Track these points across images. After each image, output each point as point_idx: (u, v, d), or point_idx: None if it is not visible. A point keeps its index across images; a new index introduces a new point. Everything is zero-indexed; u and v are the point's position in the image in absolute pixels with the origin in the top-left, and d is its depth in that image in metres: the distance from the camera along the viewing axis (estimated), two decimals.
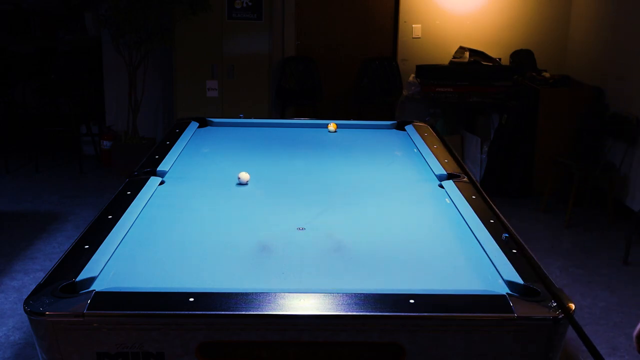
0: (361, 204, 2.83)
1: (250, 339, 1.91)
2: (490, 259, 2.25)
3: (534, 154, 5.91)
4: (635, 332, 1.88)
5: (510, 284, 2.06)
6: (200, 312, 1.86)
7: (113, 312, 1.87)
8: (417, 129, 3.98)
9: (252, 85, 6.36)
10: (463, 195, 2.82)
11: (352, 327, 1.90)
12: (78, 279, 2.01)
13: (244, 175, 3.03)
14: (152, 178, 2.96)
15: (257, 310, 1.86)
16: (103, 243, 2.27)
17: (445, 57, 6.56)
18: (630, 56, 5.46)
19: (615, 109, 5.58)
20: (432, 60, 6.58)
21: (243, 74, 6.33)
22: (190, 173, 3.17)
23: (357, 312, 1.87)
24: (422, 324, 1.89)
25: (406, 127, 4.07)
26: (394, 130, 4.12)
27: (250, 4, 6.21)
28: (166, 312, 1.86)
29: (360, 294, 1.93)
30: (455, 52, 6.50)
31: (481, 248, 2.35)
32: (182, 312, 1.85)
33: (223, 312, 1.86)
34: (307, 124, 4.17)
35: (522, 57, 6.50)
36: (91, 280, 2.03)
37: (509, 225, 2.53)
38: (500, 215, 2.64)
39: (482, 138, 6.21)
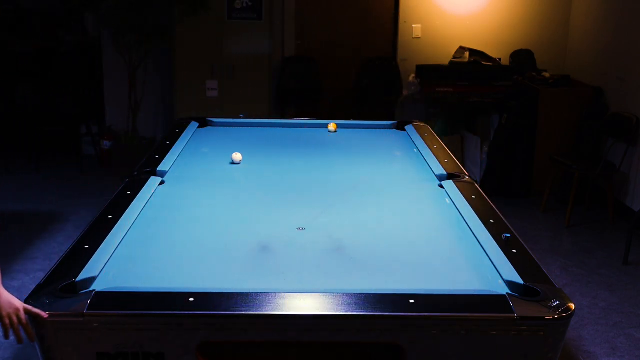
0: (361, 204, 2.83)
1: (250, 339, 1.91)
2: (490, 259, 2.25)
3: (534, 154, 5.91)
4: None
5: (510, 284, 2.06)
6: (200, 312, 1.86)
7: (113, 312, 1.87)
8: (417, 129, 3.98)
9: (252, 85, 6.35)
10: (463, 195, 2.82)
11: (352, 327, 1.89)
12: (78, 279, 2.01)
13: (237, 156, 3.29)
14: (152, 178, 2.96)
15: (257, 310, 1.86)
16: (103, 243, 2.27)
17: (445, 57, 6.56)
18: (630, 56, 5.46)
19: (615, 109, 5.58)
20: (432, 60, 6.57)
21: (243, 74, 6.33)
22: (190, 173, 3.17)
23: (357, 312, 1.87)
24: (422, 324, 1.89)
25: (406, 127, 4.07)
26: (394, 130, 4.12)
27: (250, 4, 6.21)
28: (166, 312, 1.86)
29: (360, 294, 1.93)
30: (455, 52, 6.49)
31: (481, 248, 2.35)
32: (182, 312, 1.85)
33: (223, 312, 1.86)
34: (307, 124, 4.17)
35: (522, 57, 6.50)
36: (91, 280, 2.03)
37: (509, 225, 2.54)
38: (501, 215, 2.64)
39: (482, 138, 6.21)
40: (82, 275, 2.03)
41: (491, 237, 2.39)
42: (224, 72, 6.31)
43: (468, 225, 2.54)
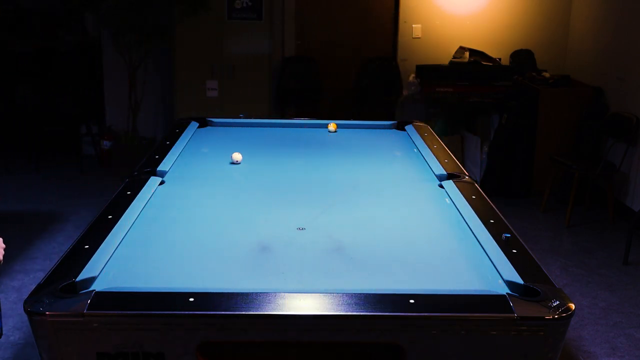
0: (361, 204, 2.83)
1: (250, 339, 1.91)
2: (490, 259, 2.25)
3: (534, 154, 5.91)
4: None
5: (510, 284, 2.06)
6: (200, 312, 1.86)
7: (113, 312, 1.87)
8: (417, 129, 3.98)
9: (252, 85, 6.36)
10: (463, 195, 2.82)
11: (352, 327, 1.90)
12: (78, 279, 2.01)
13: (237, 156, 3.28)
14: (152, 178, 2.96)
15: (257, 310, 1.86)
16: (103, 243, 2.27)
17: (445, 57, 6.56)
18: (630, 56, 5.46)
19: (615, 109, 5.58)
20: (432, 60, 6.57)
21: (243, 74, 6.33)
22: (190, 173, 3.17)
23: (357, 312, 1.87)
24: (422, 324, 1.89)
25: (406, 127, 4.07)
26: (394, 130, 4.12)
27: (250, 3, 6.21)
28: (166, 312, 1.86)
29: (360, 294, 1.93)
30: (455, 52, 6.50)
31: (481, 248, 2.35)
32: (182, 312, 1.85)
33: (223, 312, 1.86)
34: (307, 124, 4.17)
35: (522, 57, 6.50)
36: (91, 280, 2.03)
37: (509, 225, 2.54)
38: (501, 215, 2.64)
39: (482, 138, 6.21)
40: (82, 275, 2.03)
41: (491, 237, 2.39)
42: (224, 72, 6.31)
43: (468, 225, 2.54)
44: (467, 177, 3.08)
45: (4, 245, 2.18)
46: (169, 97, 6.60)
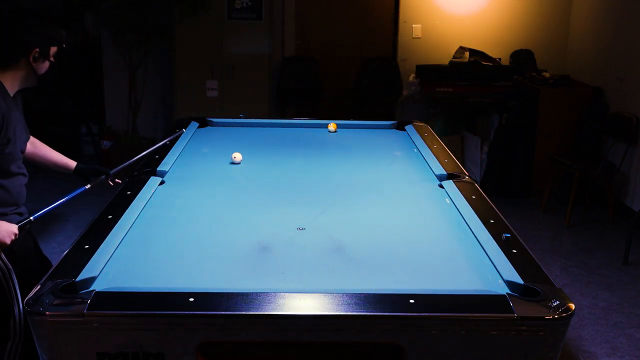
0: (361, 204, 2.83)
1: (250, 339, 1.91)
2: (490, 259, 2.25)
3: (534, 154, 5.92)
4: None
5: (510, 284, 2.06)
6: (200, 312, 1.86)
7: (113, 312, 1.87)
8: (417, 129, 3.98)
9: (252, 85, 6.36)
10: (463, 195, 2.82)
11: (352, 327, 1.90)
12: (78, 279, 2.01)
13: (237, 156, 3.28)
14: (152, 178, 2.96)
15: (257, 310, 1.86)
16: (103, 243, 2.27)
17: (445, 57, 6.56)
18: (630, 56, 5.46)
19: (615, 109, 5.58)
20: (432, 60, 6.58)
21: (243, 74, 6.33)
22: (190, 173, 3.17)
23: (357, 312, 1.87)
24: (422, 324, 1.89)
25: (406, 127, 4.07)
26: (394, 130, 4.12)
27: (250, 4, 6.21)
28: (166, 312, 1.86)
29: (360, 294, 1.93)
30: (455, 52, 6.50)
31: (481, 248, 2.35)
32: (182, 312, 1.85)
33: (223, 312, 1.86)
34: (307, 124, 4.17)
35: (522, 57, 6.51)
36: (91, 280, 2.03)
37: (509, 225, 2.54)
38: (501, 215, 2.64)
39: (482, 138, 6.21)
40: (82, 275, 2.03)
41: (491, 237, 2.39)
42: (224, 72, 6.31)
43: (468, 225, 2.54)
44: (467, 177, 3.08)
45: (16, 232, 2.43)
46: (169, 97, 6.60)
